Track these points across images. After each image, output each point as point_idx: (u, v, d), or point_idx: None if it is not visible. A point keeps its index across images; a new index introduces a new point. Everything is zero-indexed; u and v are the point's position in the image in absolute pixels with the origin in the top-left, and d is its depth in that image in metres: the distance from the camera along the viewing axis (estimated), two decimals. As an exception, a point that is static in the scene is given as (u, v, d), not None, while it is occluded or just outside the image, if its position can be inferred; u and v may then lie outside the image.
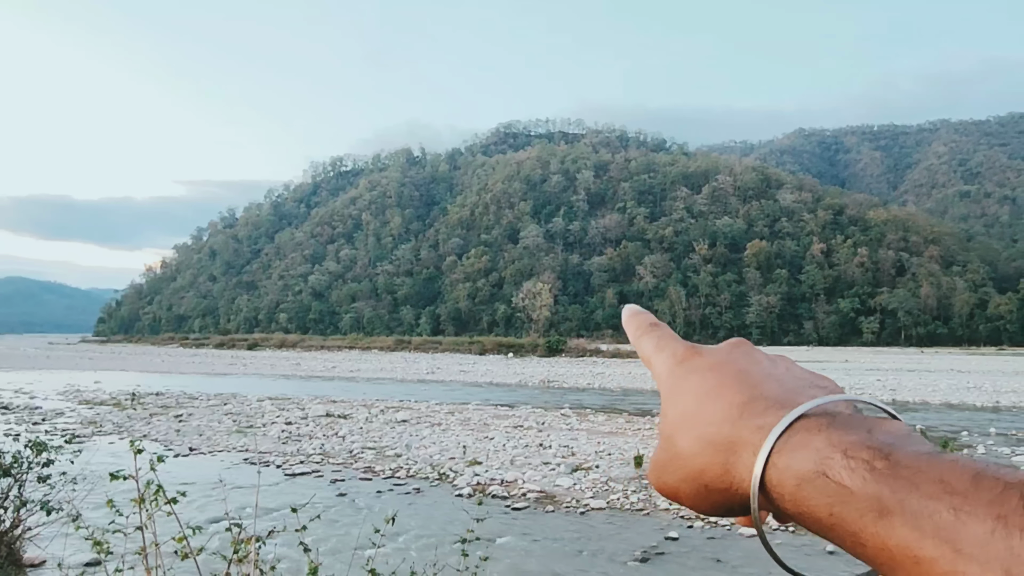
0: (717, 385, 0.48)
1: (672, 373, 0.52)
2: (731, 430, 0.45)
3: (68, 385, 34.62)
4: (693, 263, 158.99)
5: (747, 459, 0.44)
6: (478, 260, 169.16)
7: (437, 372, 49.75)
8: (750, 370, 0.49)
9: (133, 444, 2.71)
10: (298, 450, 15.89)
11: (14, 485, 6.76)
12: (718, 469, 0.45)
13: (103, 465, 9.28)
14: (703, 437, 0.46)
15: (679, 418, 0.49)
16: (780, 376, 0.49)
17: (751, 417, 0.45)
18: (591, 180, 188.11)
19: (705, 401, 0.48)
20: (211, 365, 61.36)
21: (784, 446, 0.42)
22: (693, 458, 0.47)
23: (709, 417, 0.47)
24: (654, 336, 0.58)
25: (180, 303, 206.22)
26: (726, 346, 0.54)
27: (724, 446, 0.45)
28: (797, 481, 0.41)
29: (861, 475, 0.38)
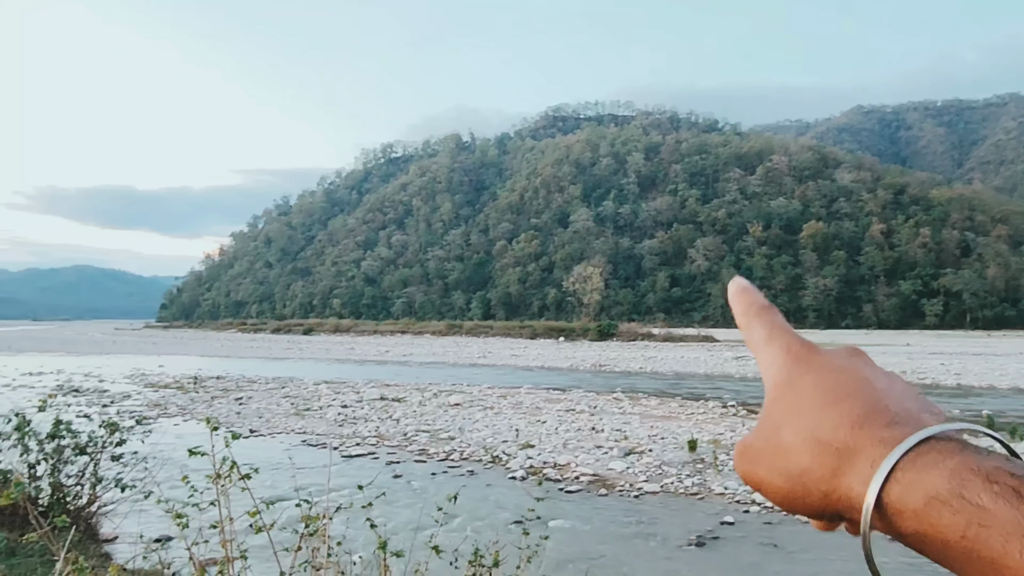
0: (837, 388, 0.47)
1: (785, 366, 0.51)
2: (848, 436, 0.44)
3: (134, 369, 35.91)
4: (747, 245, 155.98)
5: (862, 469, 0.42)
6: (528, 244, 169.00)
7: (488, 356, 50.05)
8: (872, 381, 0.48)
9: (209, 422, 2.82)
10: (354, 432, 16.22)
11: (90, 463, 7.08)
12: (824, 472, 0.44)
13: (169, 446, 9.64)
14: (815, 436, 0.45)
15: (790, 412, 0.47)
16: (900, 393, 0.48)
17: (873, 428, 0.43)
18: (641, 162, 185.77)
19: (823, 402, 0.46)
20: (268, 350, 62.88)
21: (911, 463, 0.41)
22: (798, 454, 0.45)
23: (826, 418, 0.45)
24: (766, 322, 0.56)
25: (238, 289, 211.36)
26: (845, 351, 0.52)
27: (837, 451, 0.44)
28: (925, 499, 0.39)
29: (1008, 500, 0.37)
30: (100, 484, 7.07)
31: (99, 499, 7.15)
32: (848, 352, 0.52)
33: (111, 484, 6.97)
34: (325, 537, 3.01)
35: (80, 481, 7.10)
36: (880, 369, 0.51)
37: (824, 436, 0.44)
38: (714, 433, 15.67)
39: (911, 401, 0.47)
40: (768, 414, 0.49)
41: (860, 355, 0.52)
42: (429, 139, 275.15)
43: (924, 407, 0.47)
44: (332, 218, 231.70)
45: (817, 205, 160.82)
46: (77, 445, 7.01)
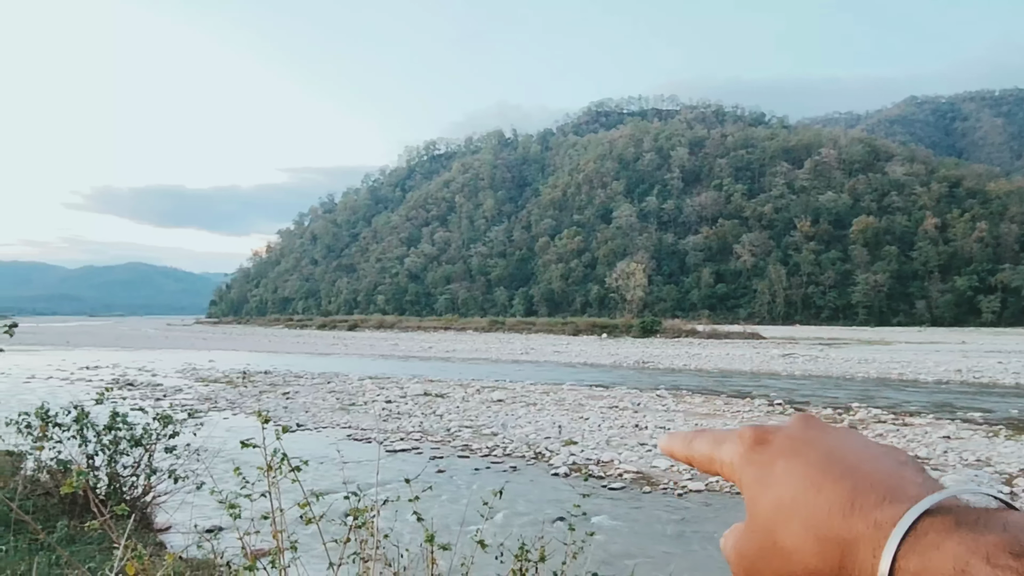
0: (812, 472, 0.45)
1: (748, 460, 0.49)
2: (842, 524, 0.42)
3: (185, 364, 36.82)
4: (794, 241, 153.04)
5: (865, 559, 0.41)
6: (571, 240, 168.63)
7: (531, 353, 50.07)
8: (837, 451, 0.47)
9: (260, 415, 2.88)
10: (398, 427, 16.39)
11: (144, 455, 7.29)
12: (832, 567, 0.42)
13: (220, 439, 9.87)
14: (813, 532, 0.43)
15: (775, 509, 0.46)
16: (869, 456, 0.46)
17: (864, 511, 0.42)
18: (686, 157, 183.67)
19: (804, 490, 0.45)
20: (314, 345, 63.87)
21: (913, 548, 0.39)
22: (801, 555, 0.44)
23: (813, 509, 0.44)
24: (706, 435, 0.55)
25: (284, 286, 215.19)
26: (797, 423, 0.51)
27: (839, 543, 0.42)
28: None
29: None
30: (154, 475, 7.28)
31: (153, 489, 7.36)
32: (800, 422, 0.51)
33: (165, 475, 7.17)
34: (373, 530, 3.06)
35: (135, 472, 7.32)
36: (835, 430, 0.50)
37: (822, 530, 0.43)
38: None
39: (889, 468, 0.45)
40: (754, 516, 0.47)
41: (810, 420, 0.51)
42: (472, 136, 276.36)
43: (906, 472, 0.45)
44: (376, 215, 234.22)
45: (868, 199, 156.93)
46: (132, 437, 7.23)
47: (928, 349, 51.71)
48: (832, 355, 44.07)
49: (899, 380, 29.03)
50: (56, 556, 5.43)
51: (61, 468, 7.29)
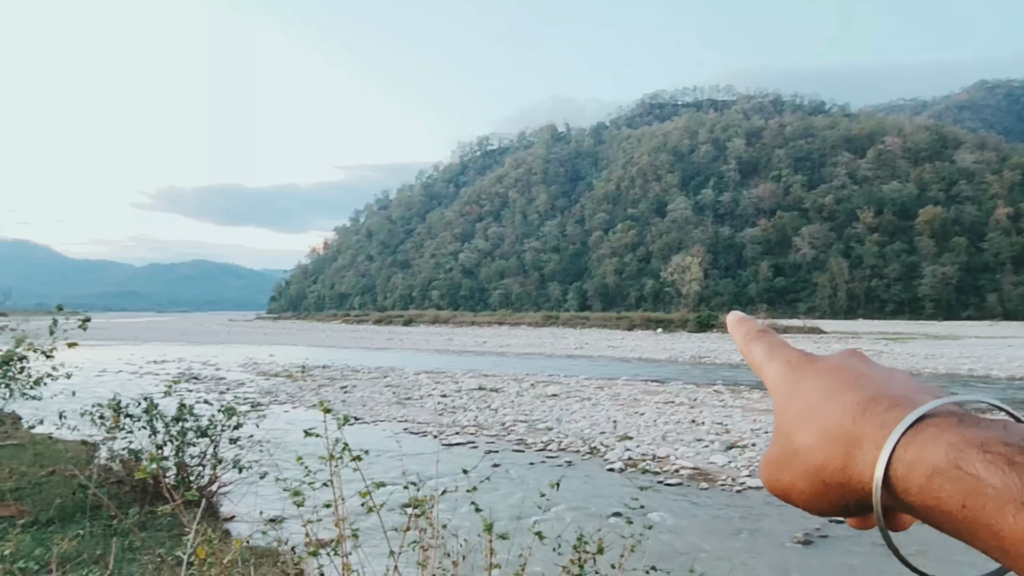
0: (838, 385, 0.49)
1: (787, 377, 0.53)
2: (853, 425, 0.45)
3: (247, 358, 37.81)
4: (857, 232, 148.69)
5: (870, 453, 0.44)
6: (625, 234, 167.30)
7: (585, 347, 49.90)
8: (870, 373, 0.50)
9: (322, 405, 2.94)
10: (453, 421, 16.53)
11: (210, 445, 7.52)
12: (838, 463, 0.45)
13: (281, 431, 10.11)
14: (823, 431, 0.47)
15: (798, 415, 0.49)
16: (899, 381, 0.49)
17: (874, 414, 0.45)
18: (742, 148, 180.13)
19: (826, 399, 0.48)
20: (370, 340, 64.86)
21: (913, 440, 0.42)
22: (812, 452, 0.47)
23: (830, 413, 0.47)
24: (764, 342, 0.58)
25: (341, 282, 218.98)
26: (843, 353, 0.54)
27: (846, 440, 0.45)
28: (928, 473, 0.41)
29: (1000, 468, 0.38)
30: (220, 465, 7.50)
31: (219, 479, 7.59)
32: (847, 353, 0.54)
33: (229, 465, 7.39)
34: (432, 519, 3.10)
35: (202, 462, 7.55)
36: (879, 365, 0.53)
37: (831, 429, 0.46)
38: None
39: (910, 386, 0.48)
40: (779, 424, 0.51)
41: (858, 354, 0.54)
42: (524, 131, 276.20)
43: (924, 390, 0.48)
44: (430, 211, 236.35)
45: (935, 188, 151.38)
46: (199, 428, 7.47)
47: (1000, 344, 49.65)
48: (897, 350, 42.74)
49: (969, 376, 27.98)
50: (130, 541, 5.64)
51: (133, 457, 7.58)
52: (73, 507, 7.11)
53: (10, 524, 6.33)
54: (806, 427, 0.48)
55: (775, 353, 0.56)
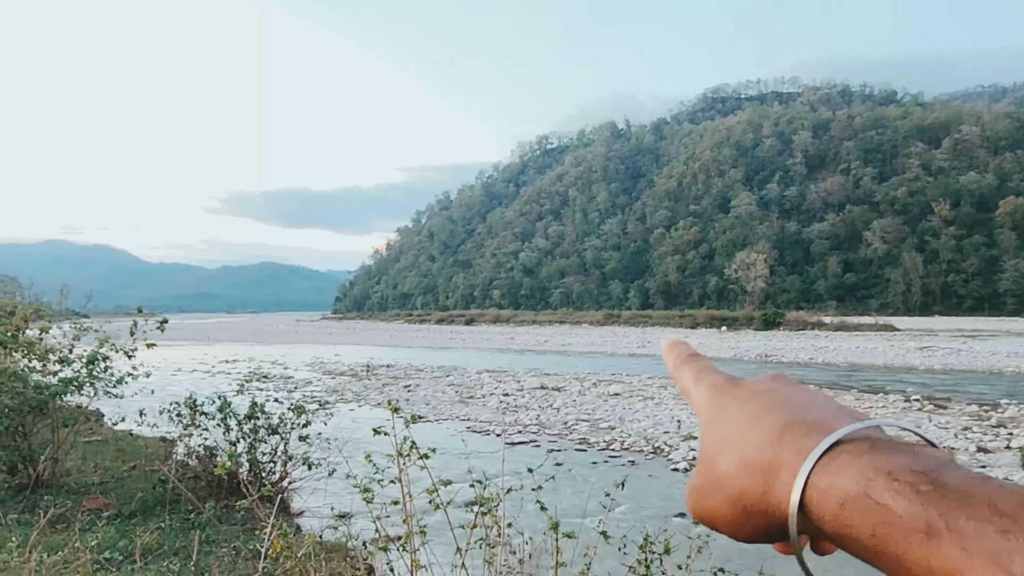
0: (758, 410, 0.49)
1: (712, 402, 0.53)
2: (771, 452, 0.46)
3: (313, 357, 38.71)
4: (932, 226, 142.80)
5: (786, 480, 0.44)
6: (687, 231, 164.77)
7: (647, 346, 49.39)
8: (791, 398, 0.50)
9: (391, 403, 3.01)
10: (515, 420, 16.59)
11: (281, 443, 7.74)
12: (757, 491, 0.46)
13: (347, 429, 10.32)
14: (743, 459, 0.47)
15: (720, 443, 0.49)
16: (819, 405, 0.50)
17: (792, 440, 0.45)
18: (809, 141, 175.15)
19: (746, 425, 0.49)
20: (433, 339, 65.58)
21: (826, 468, 0.42)
22: (733, 480, 0.47)
23: (750, 440, 0.47)
24: (693, 367, 0.59)
25: (404, 282, 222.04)
26: (765, 378, 0.55)
27: (764, 467, 0.46)
28: (840, 501, 0.41)
29: (907, 497, 0.38)
30: (290, 462, 7.72)
31: (289, 475, 7.80)
32: (770, 377, 0.55)
33: (299, 462, 7.59)
34: (497, 517, 3.13)
35: (273, 459, 7.78)
36: (801, 387, 0.53)
37: (751, 456, 0.47)
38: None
39: (829, 410, 0.49)
40: (703, 450, 0.51)
41: (781, 378, 0.54)
42: (584, 128, 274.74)
43: (842, 414, 0.48)
44: (490, 211, 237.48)
45: (1017, 179, 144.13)
46: (270, 426, 7.70)
47: (1089, 341, 47.05)
48: (976, 348, 40.93)
49: (1055, 375, 26.62)
50: (207, 534, 5.85)
51: (208, 454, 7.86)
52: (153, 501, 7.41)
53: (97, 516, 6.65)
54: (727, 454, 0.48)
55: (702, 377, 0.57)
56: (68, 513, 6.31)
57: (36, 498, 7.46)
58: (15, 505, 7.17)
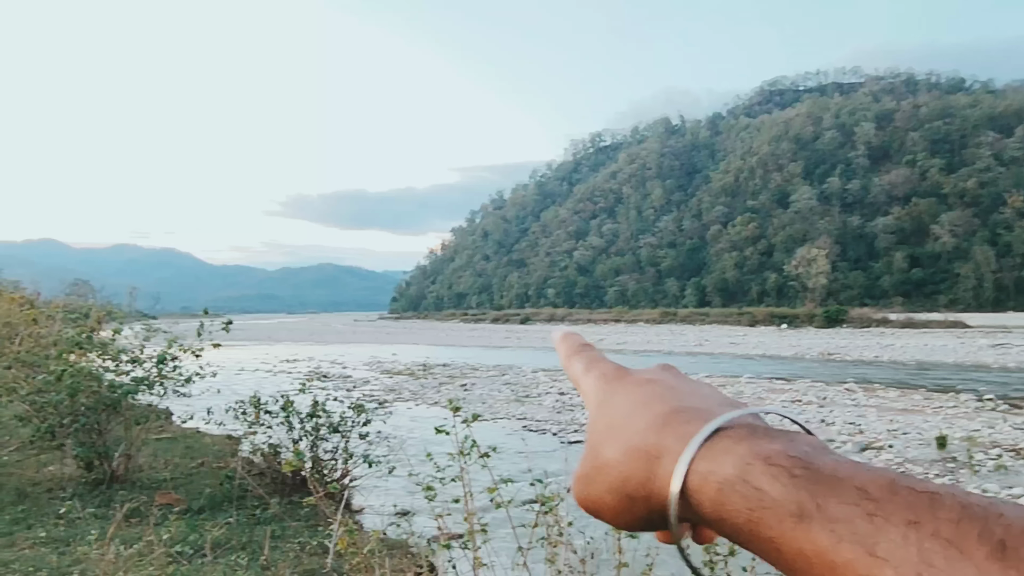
0: (645, 398, 0.49)
1: (600, 390, 0.53)
2: (655, 438, 0.45)
3: (371, 357, 39.29)
4: (1005, 218, 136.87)
5: (669, 466, 0.44)
6: (745, 228, 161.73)
7: (705, 344, 48.67)
8: (677, 387, 0.50)
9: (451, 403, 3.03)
10: (572, 419, 16.54)
11: (342, 441, 7.89)
12: (641, 477, 0.45)
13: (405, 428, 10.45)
14: (627, 445, 0.46)
15: (606, 429, 0.49)
16: (704, 394, 0.50)
17: (675, 426, 0.45)
18: (872, 133, 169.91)
19: (632, 412, 0.48)
20: (488, 338, 65.86)
21: (707, 453, 0.42)
22: (617, 466, 0.46)
23: (634, 427, 0.47)
24: (584, 357, 0.59)
25: (459, 281, 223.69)
26: (655, 367, 0.55)
27: (648, 454, 0.45)
28: (718, 486, 0.41)
29: (781, 481, 0.39)
30: (351, 459, 7.86)
31: (350, 473, 7.95)
32: (659, 367, 0.55)
33: (359, 460, 7.72)
34: (558, 516, 3.13)
35: (334, 456, 7.94)
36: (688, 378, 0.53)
37: (635, 443, 0.46)
38: (967, 429, 14.03)
39: (713, 399, 0.49)
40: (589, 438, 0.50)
41: (670, 368, 0.55)
42: (637, 125, 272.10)
43: (725, 402, 0.49)
44: (544, 210, 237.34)
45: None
46: (331, 424, 7.85)
47: None
48: (1054, 345, 39.14)
49: None
50: (273, 529, 6.00)
51: (272, 451, 8.06)
52: (221, 497, 7.63)
53: (168, 511, 6.89)
54: (612, 441, 0.48)
55: (592, 367, 0.56)
56: (142, 508, 6.54)
57: (111, 493, 7.77)
58: (92, 500, 7.48)
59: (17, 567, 5.41)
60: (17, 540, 6.17)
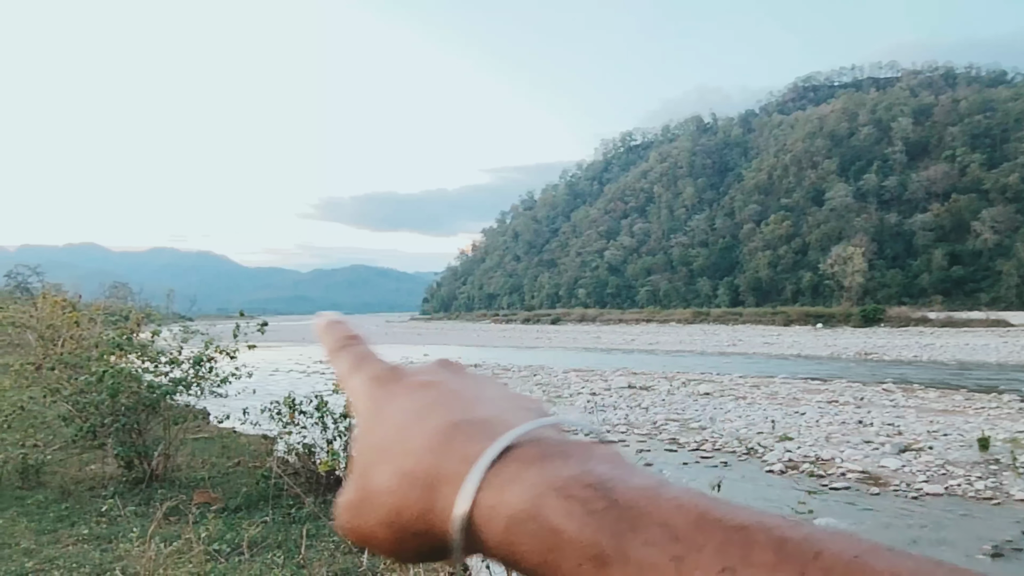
0: (421, 408, 0.40)
1: (370, 397, 0.43)
2: (434, 461, 0.36)
3: (403, 357, 39.41)
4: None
5: (450, 496, 0.35)
6: (779, 226, 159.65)
7: (738, 344, 48.16)
8: (460, 391, 0.41)
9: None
10: (603, 420, 16.48)
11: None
12: (418, 508, 0.36)
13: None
14: (401, 470, 0.37)
15: (376, 449, 0.39)
16: (491, 397, 0.42)
17: (458, 445, 0.36)
18: (909, 128, 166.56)
19: (407, 428, 0.39)
20: (519, 339, 65.91)
21: (493, 481, 0.34)
22: (389, 496, 0.37)
23: (410, 446, 0.38)
24: (352, 353, 0.49)
25: (489, 282, 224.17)
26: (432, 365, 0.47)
27: (425, 480, 0.36)
28: (506, 522, 0.33)
29: (578, 519, 0.31)
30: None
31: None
32: (436, 365, 0.47)
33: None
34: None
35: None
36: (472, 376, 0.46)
37: (409, 467, 0.37)
38: (1011, 431, 13.69)
39: (502, 405, 0.41)
40: (358, 458, 0.40)
41: (450, 365, 0.47)
42: (668, 124, 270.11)
43: (517, 408, 0.41)
44: (574, 210, 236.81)
45: None
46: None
47: None
48: (1102, 344, 38.06)
49: None
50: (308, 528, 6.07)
51: (306, 451, 8.16)
52: (257, 496, 7.74)
53: (206, 509, 7.01)
54: (384, 464, 0.38)
55: (360, 366, 0.47)
56: (180, 506, 6.67)
57: (151, 491, 7.93)
58: (132, 498, 7.65)
59: (62, 563, 5.56)
60: (61, 537, 6.34)
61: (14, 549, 5.92)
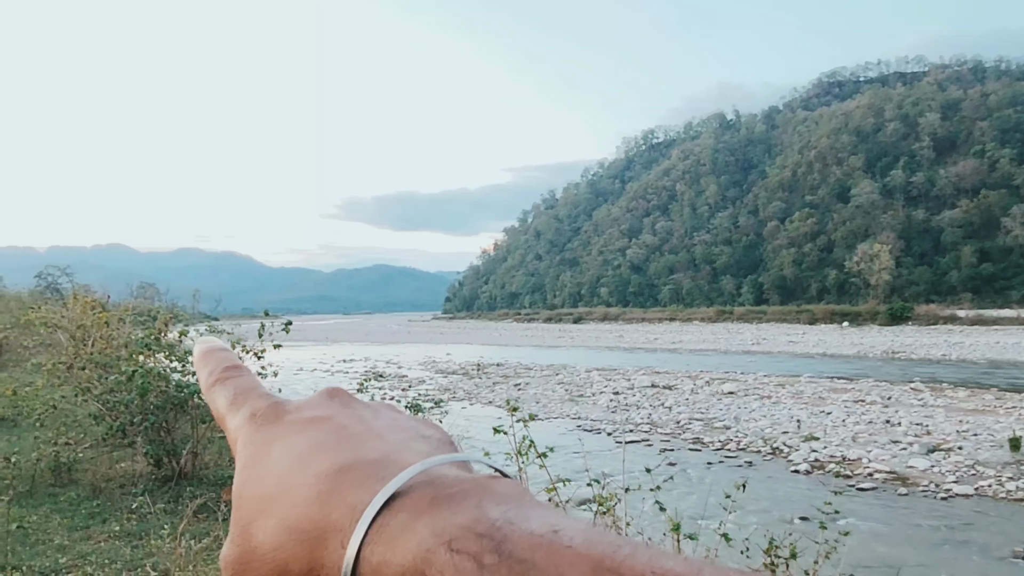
0: (306, 451, 0.36)
1: (251, 440, 0.39)
2: (320, 511, 0.33)
3: (425, 356, 39.70)
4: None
5: (336, 551, 0.31)
6: (803, 223, 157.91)
7: (763, 343, 47.75)
8: (348, 426, 0.37)
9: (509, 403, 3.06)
10: (626, 419, 16.45)
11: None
12: (306, 565, 0.32)
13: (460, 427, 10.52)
14: (286, 524, 0.33)
15: (258, 500, 0.35)
16: (383, 430, 0.38)
17: (343, 491, 0.33)
18: (937, 123, 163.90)
19: (290, 474, 0.35)
20: (541, 338, 65.89)
21: (382, 532, 0.31)
22: (273, 552, 0.33)
23: (294, 496, 0.34)
24: (231, 387, 0.44)
25: (511, 281, 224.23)
26: (319, 397, 0.41)
27: (312, 533, 0.32)
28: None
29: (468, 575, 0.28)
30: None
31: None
32: (323, 396, 0.42)
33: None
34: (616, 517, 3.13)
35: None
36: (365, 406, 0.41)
37: (294, 520, 0.33)
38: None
39: (397, 437, 0.37)
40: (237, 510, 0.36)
41: (339, 395, 0.42)
42: (691, 121, 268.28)
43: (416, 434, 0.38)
44: (596, 208, 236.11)
45: None
46: (388, 424, 7.97)
47: None
48: None
49: None
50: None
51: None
52: (283, 493, 7.81)
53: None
54: (266, 517, 0.34)
55: (240, 401, 0.42)
56: (209, 503, 6.76)
57: (179, 489, 8.05)
58: (162, 495, 7.76)
59: (94, 559, 5.66)
60: (93, 533, 6.46)
61: (48, 545, 6.04)
